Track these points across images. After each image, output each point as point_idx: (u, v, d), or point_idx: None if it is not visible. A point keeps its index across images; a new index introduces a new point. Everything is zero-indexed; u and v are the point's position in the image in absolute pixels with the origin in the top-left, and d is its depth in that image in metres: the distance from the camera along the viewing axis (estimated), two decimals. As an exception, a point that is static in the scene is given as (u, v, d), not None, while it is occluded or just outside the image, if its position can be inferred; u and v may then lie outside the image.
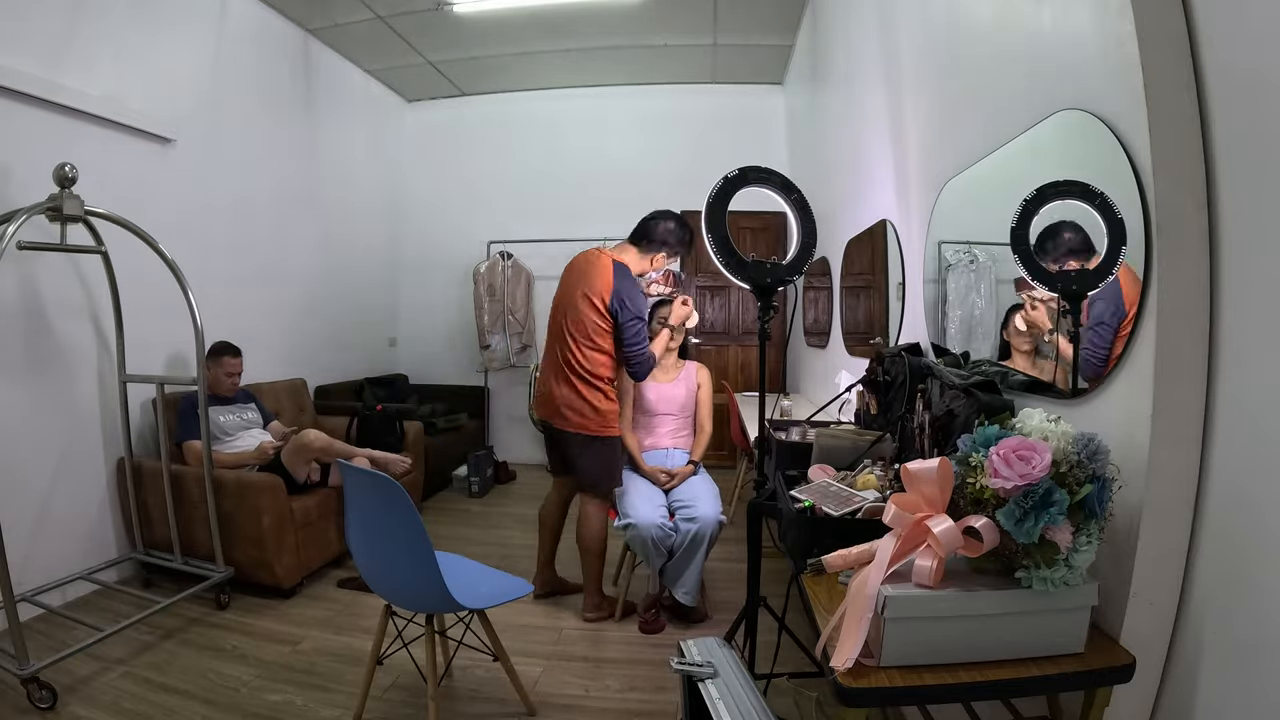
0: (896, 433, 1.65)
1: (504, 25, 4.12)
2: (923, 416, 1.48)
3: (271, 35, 3.81)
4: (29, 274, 2.42)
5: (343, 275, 4.55)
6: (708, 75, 4.89)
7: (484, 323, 4.90)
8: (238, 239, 3.50)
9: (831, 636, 0.94)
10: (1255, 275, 0.84)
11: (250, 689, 1.98)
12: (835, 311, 3.20)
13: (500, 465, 4.57)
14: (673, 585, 2.39)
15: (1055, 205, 1.21)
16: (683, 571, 2.35)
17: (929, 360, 1.65)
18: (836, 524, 1.23)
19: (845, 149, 3.07)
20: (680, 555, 2.33)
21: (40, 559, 2.39)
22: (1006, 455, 0.87)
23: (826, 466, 1.55)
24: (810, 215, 1.66)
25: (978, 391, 1.26)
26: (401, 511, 1.54)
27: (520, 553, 3.14)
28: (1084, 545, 0.86)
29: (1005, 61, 1.43)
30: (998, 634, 0.91)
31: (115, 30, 2.76)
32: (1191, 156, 0.91)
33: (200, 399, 2.51)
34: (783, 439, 1.84)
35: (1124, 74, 0.97)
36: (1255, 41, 0.82)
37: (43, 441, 2.47)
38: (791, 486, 1.44)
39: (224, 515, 2.55)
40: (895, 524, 0.96)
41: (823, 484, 1.42)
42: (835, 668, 0.88)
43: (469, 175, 5.25)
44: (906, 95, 2.10)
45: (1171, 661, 0.96)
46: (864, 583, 0.92)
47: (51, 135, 2.48)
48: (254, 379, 3.42)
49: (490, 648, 1.84)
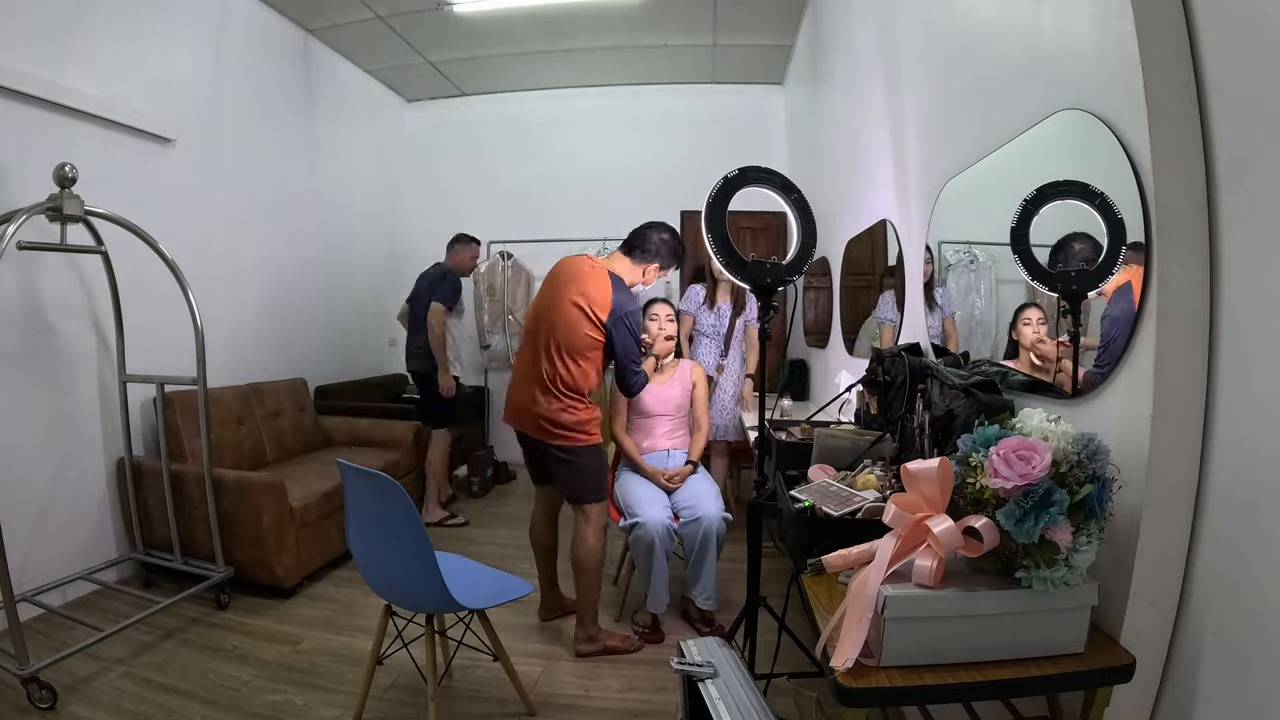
0: (896, 433, 1.65)
1: (504, 25, 4.12)
2: (923, 416, 1.48)
3: (271, 35, 3.81)
4: (29, 274, 2.42)
5: (343, 275, 4.56)
6: (708, 75, 4.89)
7: (484, 323, 4.91)
8: (238, 239, 3.50)
9: (831, 636, 0.94)
10: (1255, 275, 0.84)
11: (250, 689, 1.98)
12: (835, 311, 3.20)
13: (500, 465, 4.58)
14: (691, 590, 2.36)
15: (1055, 205, 1.21)
16: (699, 575, 2.33)
17: (929, 360, 1.65)
18: (836, 524, 1.23)
19: (845, 149, 3.07)
20: (694, 559, 2.31)
21: (40, 559, 2.39)
22: (1006, 455, 0.87)
23: (826, 466, 1.55)
24: (810, 215, 1.66)
25: (978, 391, 1.26)
26: (401, 511, 1.54)
27: (520, 553, 3.13)
28: (1084, 545, 0.86)
29: (1005, 61, 1.43)
30: (998, 634, 0.91)
31: (115, 30, 2.76)
32: (1191, 156, 0.91)
33: (199, 400, 2.51)
34: (783, 439, 1.84)
35: (1124, 74, 0.97)
36: (1255, 41, 0.82)
37: (43, 441, 2.47)
38: (791, 486, 1.44)
39: (224, 515, 2.55)
40: (895, 524, 0.96)
41: (823, 484, 1.42)
42: (835, 668, 0.88)
43: (469, 175, 5.24)
44: (906, 95, 2.10)
45: (1171, 661, 0.96)
46: (864, 583, 0.92)
47: (51, 135, 2.48)
48: (254, 379, 3.42)
49: (490, 648, 1.84)
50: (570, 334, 2.10)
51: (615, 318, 2.10)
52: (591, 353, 2.13)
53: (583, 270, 2.17)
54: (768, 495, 1.64)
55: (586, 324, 2.09)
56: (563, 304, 2.11)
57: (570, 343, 2.10)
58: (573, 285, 2.13)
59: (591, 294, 2.10)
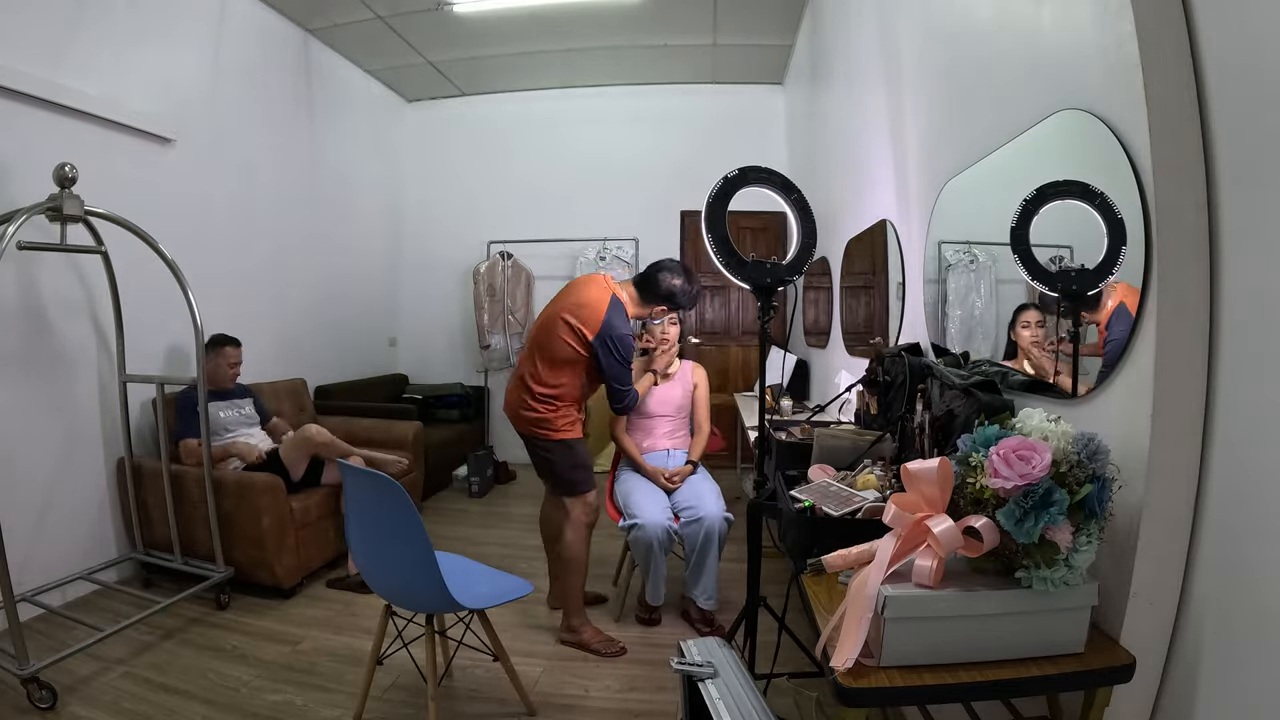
0: (896, 433, 1.65)
1: (504, 25, 4.12)
2: (923, 417, 1.48)
3: (271, 35, 3.81)
4: (29, 274, 2.42)
5: (343, 275, 4.56)
6: (708, 75, 4.89)
7: (484, 323, 4.91)
8: (238, 239, 3.50)
9: (831, 636, 0.94)
10: (1255, 275, 0.84)
11: (250, 689, 1.98)
12: (835, 311, 3.20)
13: (500, 465, 4.58)
14: (692, 590, 2.36)
15: (1055, 205, 1.21)
16: (700, 575, 2.33)
17: (929, 360, 1.65)
18: (836, 524, 1.23)
19: (845, 149, 3.07)
20: (695, 560, 2.31)
21: (40, 559, 2.39)
22: (1007, 455, 0.87)
23: (826, 466, 1.55)
24: (810, 215, 1.66)
25: (978, 391, 1.26)
26: (401, 511, 1.54)
27: (520, 553, 3.14)
28: (1084, 545, 0.86)
29: (1005, 61, 1.43)
30: (998, 634, 0.91)
31: (115, 30, 2.76)
32: (1191, 156, 0.91)
33: (200, 397, 2.51)
34: (783, 439, 1.84)
35: (1124, 74, 0.97)
36: (1255, 41, 0.82)
37: (43, 441, 2.47)
38: (791, 486, 1.44)
39: (224, 515, 2.55)
40: (895, 524, 0.96)
41: (823, 484, 1.41)
42: (835, 668, 0.88)
43: (469, 175, 5.25)
44: (906, 95, 2.10)
45: (1171, 661, 0.96)
46: (864, 583, 0.92)
47: (51, 135, 2.48)
48: (254, 379, 3.42)
49: (490, 648, 1.84)
50: (550, 341, 2.21)
51: (600, 338, 2.17)
52: (570, 364, 2.21)
53: (588, 287, 2.27)
54: (768, 495, 1.64)
55: (570, 336, 2.18)
56: (554, 314, 2.23)
57: (549, 349, 2.21)
58: (570, 299, 2.25)
59: (583, 312, 2.18)
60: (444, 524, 3.69)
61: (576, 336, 2.17)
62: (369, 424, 3.73)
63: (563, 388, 2.23)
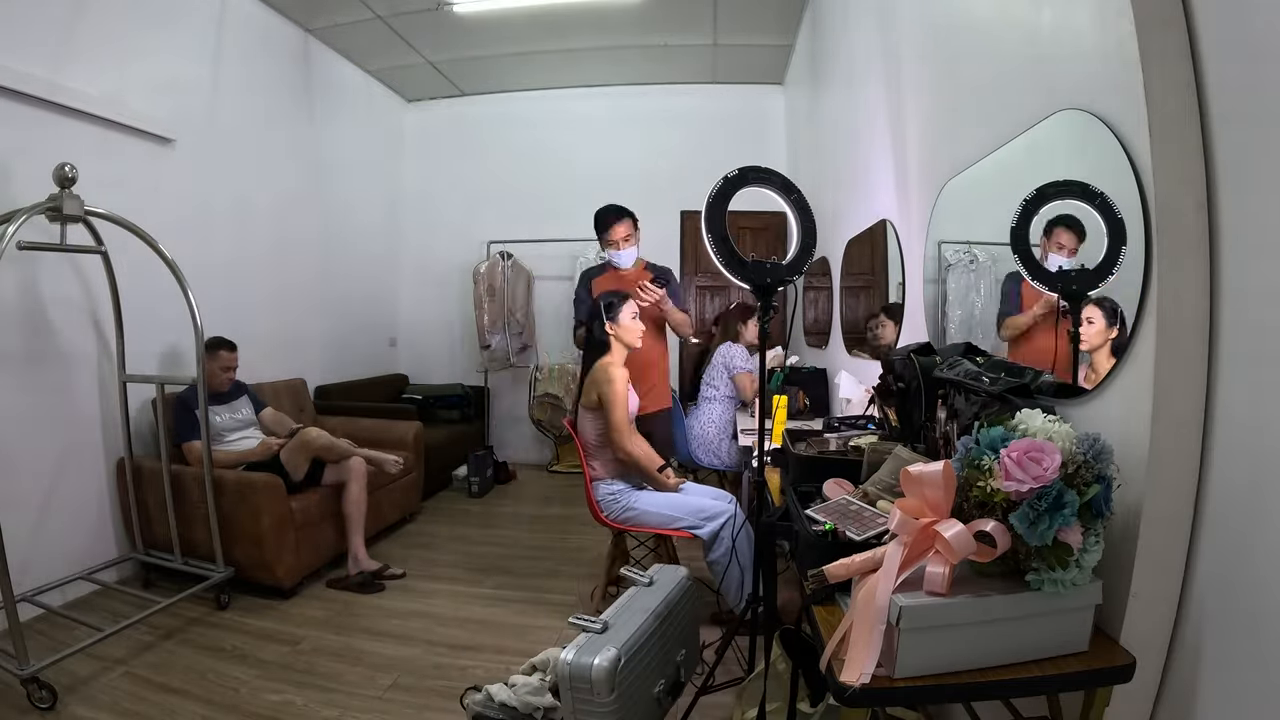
0: (922, 441, 1.54)
1: (504, 25, 4.12)
2: (948, 426, 1.33)
3: (271, 35, 3.81)
4: (29, 274, 2.42)
5: (343, 275, 4.55)
6: (708, 75, 4.89)
7: (484, 323, 4.90)
8: (238, 239, 3.50)
9: (836, 650, 0.92)
10: (1255, 275, 0.84)
11: (250, 689, 1.98)
12: (835, 311, 3.20)
13: (500, 465, 4.57)
14: (727, 594, 2.23)
15: (1055, 205, 1.21)
16: (722, 575, 2.19)
17: (959, 369, 1.54)
18: (860, 548, 1.08)
19: (845, 149, 3.07)
20: (719, 561, 2.18)
21: (40, 559, 2.39)
22: (1020, 458, 0.86)
23: (843, 481, 1.41)
24: (810, 215, 1.66)
25: (1013, 397, 1.15)
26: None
27: (520, 552, 3.14)
28: (1093, 545, 0.86)
29: (1005, 61, 1.42)
30: (1006, 637, 0.90)
31: (115, 30, 2.76)
32: (1191, 156, 0.91)
33: (200, 398, 2.51)
34: (800, 452, 1.63)
35: (1124, 74, 0.97)
36: (1255, 41, 0.82)
37: (43, 441, 2.47)
38: (805, 504, 1.29)
39: (224, 515, 2.55)
40: (900, 530, 0.94)
41: (842, 502, 1.27)
42: (849, 684, 0.85)
43: (469, 175, 5.25)
44: (906, 95, 2.10)
45: (1171, 661, 0.96)
46: (872, 593, 0.90)
47: (51, 135, 2.48)
48: (254, 379, 3.42)
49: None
50: None
51: None
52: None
53: None
54: (780, 514, 1.51)
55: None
56: None
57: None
58: None
59: None
60: (444, 524, 3.69)
61: None
62: (369, 424, 3.74)
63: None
